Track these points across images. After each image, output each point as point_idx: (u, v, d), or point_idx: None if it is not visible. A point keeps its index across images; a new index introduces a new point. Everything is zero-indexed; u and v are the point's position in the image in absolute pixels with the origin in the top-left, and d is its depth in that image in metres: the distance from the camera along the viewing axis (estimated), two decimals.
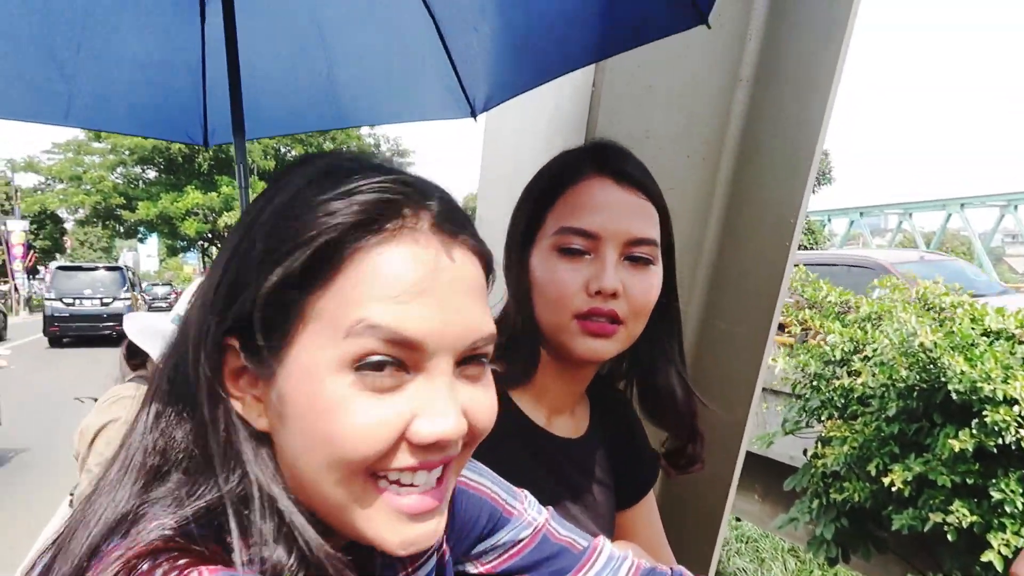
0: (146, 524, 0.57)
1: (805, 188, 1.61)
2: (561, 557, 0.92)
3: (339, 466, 0.59)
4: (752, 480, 10.16)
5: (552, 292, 1.09)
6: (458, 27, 1.76)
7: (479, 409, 0.65)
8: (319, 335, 0.59)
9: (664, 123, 1.68)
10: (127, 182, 37.43)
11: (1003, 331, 5.76)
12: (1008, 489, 5.28)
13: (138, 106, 2.18)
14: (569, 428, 1.22)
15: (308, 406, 0.59)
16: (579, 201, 1.11)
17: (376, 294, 0.58)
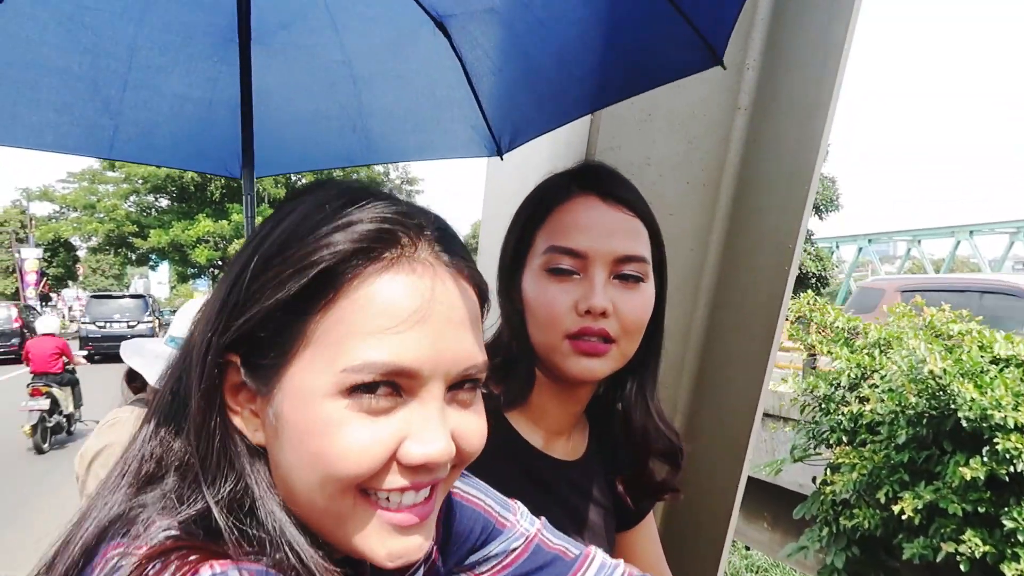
0: (144, 526, 0.58)
1: (803, 214, 1.63)
2: (553, 565, 0.93)
3: (331, 483, 0.61)
4: (761, 508, 10.05)
5: (542, 313, 1.08)
6: (484, 68, 1.81)
7: (468, 434, 0.67)
8: (316, 359, 0.61)
9: (664, 150, 1.71)
10: (140, 210, 37.79)
11: (1013, 358, 5.73)
12: (1021, 518, 5.21)
13: (179, 140, 2.26)
14: (567, 450, 1.21)
15: (303, 425, 0.61)
16: (566, 221, 1.11)
17: (373, 324, 0.61)
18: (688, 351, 1.82)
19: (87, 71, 1.93)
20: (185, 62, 2.05)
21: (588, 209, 1.12)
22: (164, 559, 0.54)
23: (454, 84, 1.92)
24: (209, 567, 0.54)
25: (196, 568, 0.53)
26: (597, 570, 0.96)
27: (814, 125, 1.62)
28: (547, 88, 1.68)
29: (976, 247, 29.72)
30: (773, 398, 9.16)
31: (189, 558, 0.54)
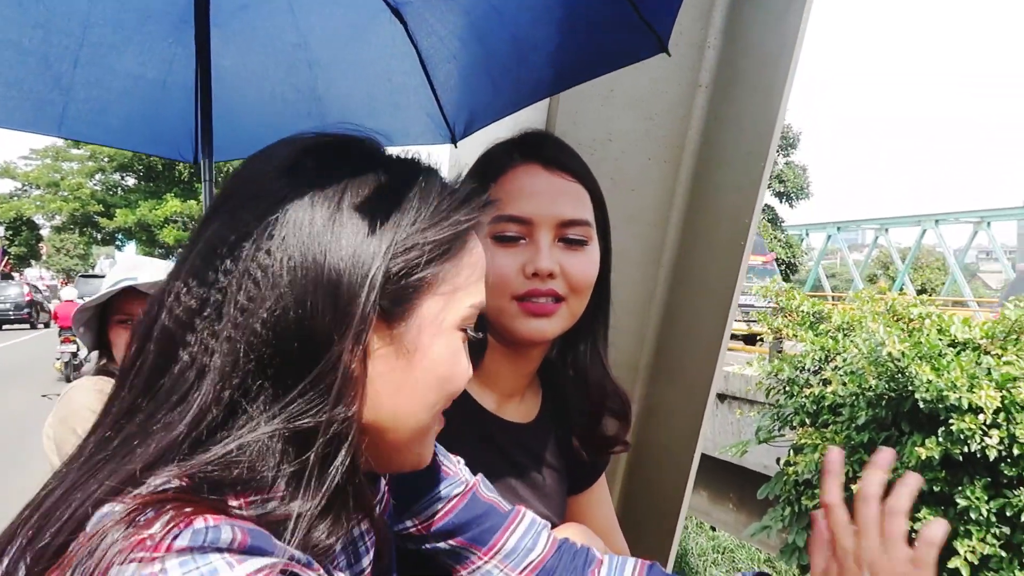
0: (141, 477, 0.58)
1: (759, 190, 1.67)
2: (489, 516, 0.97)
3: (445, 399, 0.74)
4: (727, 489, 10.24)
5: (490, 278, 1.11)
6: (440, 57, 1.81)
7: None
8: (445, 299, 0.72)
9: (626, 126, 1.73)
10: (105, 189, 37.05)
11: (969, 341, 5.88)
12: (973, 496, 5.37)
13: (131, 121, 2.21)
14: (519, 413, 1.23)
15: (437, 353, 0.71)
16: (510, 189, 1.13)
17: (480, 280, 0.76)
18: (648, 325, 1.86)
19: (38, 46, 1.88)
20: (140, 41, 2.00)
21: (531, 176, 1.14)
22: (158, 508, 0.54)
23: (410, 71, 1.92)
24: (203, 520, 0.53)
25: (190, 520, 0.53)
26: (528, 525, 1.00)
27: (771, 104, 1.65)
28: (502, 75, 1.70)
29: (941, 236, 30.29)
30: (740, 381, 9.31)
31: (184, 509, 0.54)
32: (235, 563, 0.52)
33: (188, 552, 0.51)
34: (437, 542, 0.95)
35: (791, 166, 36.66)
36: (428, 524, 0.95)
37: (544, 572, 0.97)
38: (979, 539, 5.37)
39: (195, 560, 0.51)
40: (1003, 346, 5.78)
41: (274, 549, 0.57)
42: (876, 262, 40.84)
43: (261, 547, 0.55)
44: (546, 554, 0.99)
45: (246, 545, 0.54)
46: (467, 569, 0.96)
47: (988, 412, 5.22)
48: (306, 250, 0.63)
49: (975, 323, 6.07)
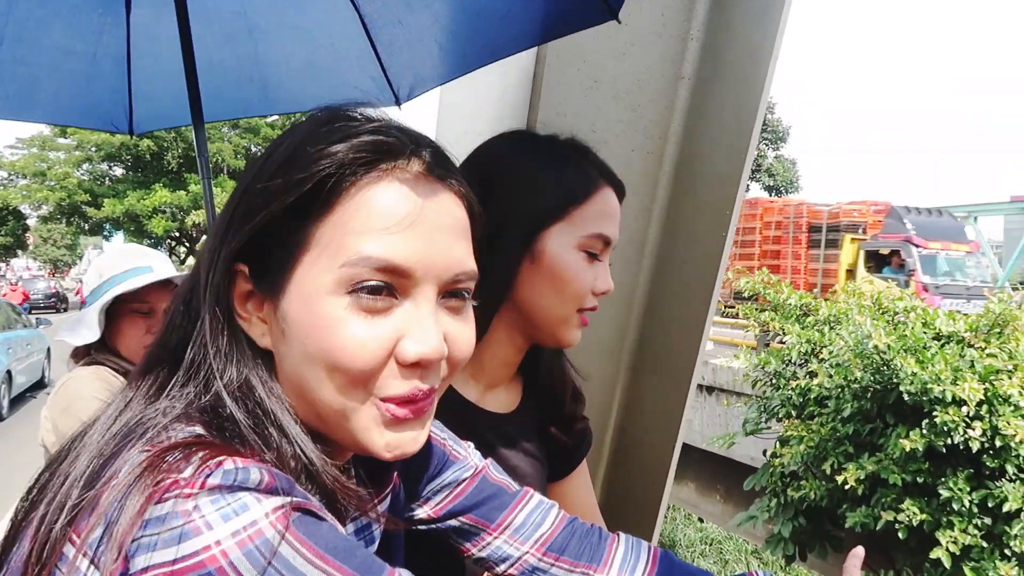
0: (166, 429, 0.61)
1: (741, 182, 1.68)
2: (498, 496, 0.99)
3: (338, 375, 0.66)
4: (715, 481, 10.31)
5: (574, 287, 1.15)
6: (383, 20, 1.82)
7: (458, 338, 0.72)
8: (319, 260, 0.66)
9: (610, 117, 1.74)
10: (93, 179, 36.74)
11: (953, 334, 5.93)
12: (956, 488, 5.43)
13: (62, 96, 2.18)
14: (500, 403, 1.25)
15: (308, 322, 0.66)
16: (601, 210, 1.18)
17: (370, 226, 0.66)
18: (631, 314, 1.87)
19: None
20: (67, 14, 1.94)
21: (611, 199, 1.20)
22: (187, 450, 0.57)
23: (353, 36, 1.92)
24: (232, 461, 0.56)
25: (220, 461, 0.56)
26: (537, 503, 1.01)
27: (753, 96, 1.66)
28: (449, 39, 1.71)
29: None
30: (727, 374, 9.36)
31: (213, 451, 0.57)
32: (263, 498, 0.55)
33: (219, 490, 0.54)
34: (447, 521, 0.97)
35: (780, 160, 36.77)
36: (439, 508, 0.96)
37: (555, 546, 0.99)
38: (961, 530, 5.43)
39: (226, 497, 0.53)
40: (987, 339, 5.84)
41: (297, 491, 0.59)
42: None
43: (286, 488, 0.58)
44: (555, 528, 1.00)
45: (272, 485, 0.56)
46: (477, 546, 0.97)
47: (971, 404, 5.28)
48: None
49: (960, 316, 6.12)
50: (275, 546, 0.53)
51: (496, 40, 1.57)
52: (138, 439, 0.61)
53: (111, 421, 0.66)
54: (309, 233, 0.66)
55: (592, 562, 0.99)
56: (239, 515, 0.53)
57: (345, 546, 0.57)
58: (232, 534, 0.52)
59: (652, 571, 0.99)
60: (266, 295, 0.69)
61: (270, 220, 0.67)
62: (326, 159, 0.67)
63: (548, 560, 0.97)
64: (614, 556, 1.00)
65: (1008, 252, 35.93)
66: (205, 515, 0.52)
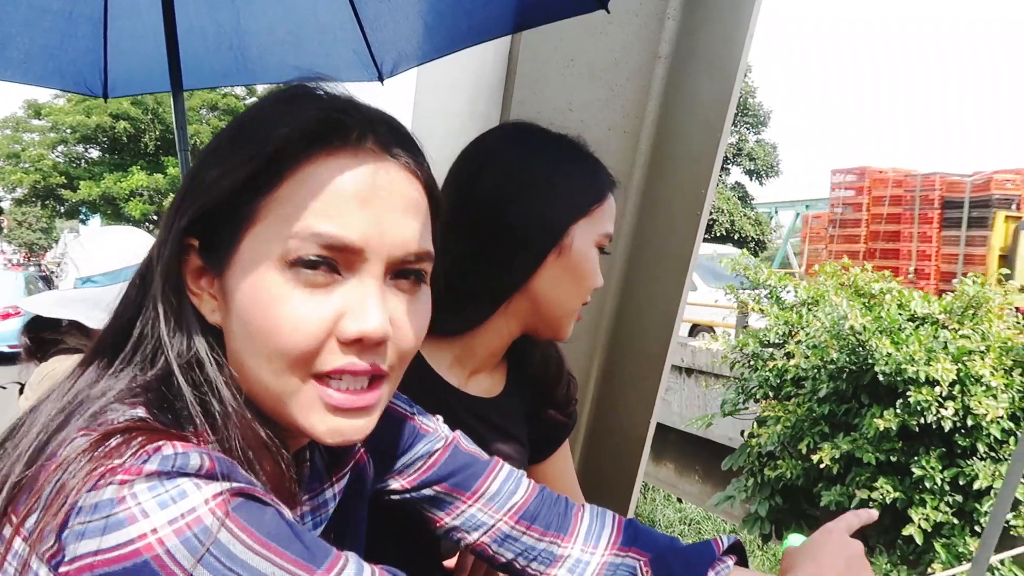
0: (110, 410, 0.60)
1: (715, 160, 1.70)
2: (471, 465, 0.99)
3: (276, 357, 0.64)
4: (693, 462, 10.42)
5: (589, 281, 1.16)
6: None
7: (407, 322, 0.69)
8: (264, 234, 0.64)
9: (586, 96, 1.74)
10: (68, 161, 36.18)
11: (928, 316, 6.02)
12: (928, 466, 5.54)
13: (35, 55, 2.10)
14: (484, 388, 1.24)
15: (249, 299, 0.64)
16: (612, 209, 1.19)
17: (318, 202, 0.64)
18: (607, 293, 1.88)
19: None
20: None
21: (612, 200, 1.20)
22: (126, 435, 0.55)
23: (337, 7, 1.89)
24: (171, 446, 0.55)
25: (158, 446, 0.54)
26: (508, 472, 1.02)
27: (728, 75, 1.67)
28: (436, 17, 1.68)
29: None
30: (706, 356, 9.45)
31: (152, 436, 0.56)
32: (202, 484, 0.53)
33: (156, 477, 0.53)
34: (420, 491, 0.96)
35: (761, 144, 36.89)
36: (412, 479, 0.96)
37: (527, 514, 0.99)
38: (933, 507, 5.55)
39: (164, 484, 0.52)
40: (960, 320, 5.94)
41: (240, 476, 0.58)
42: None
43: (227, 473, 0.56)
44: (528, 496, 1.00)
45: (213, 470, 0.55)
46: (451, 515, 0.98)
47: (944, 384, 5.37)
48: None
49: (934, 299, 6.21)
50: (214, 533, 0.52)
51: (483, 21, 1.55)
52: (80, 418, 0.60)
53: (60, 396, 0.65)
54: (257, 208, 0.65)
55: (560, 531, 0.99)
56: (176, 502, 0.52)
57: (288, 532, 0.56)
58: (169, 521, 0.51)
59: (617, 539, 1.00)
60: (215, 270, 0.68)
61: (220, 194, 0.66)
62: (276, 134, 0.66)
63: (520, 528, 0.98)
64: (580, 525, 1.01)
65: None
66: (141, 502, 0.51)
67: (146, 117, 33.97)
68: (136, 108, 33.03)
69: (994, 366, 5.47)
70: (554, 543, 0.98)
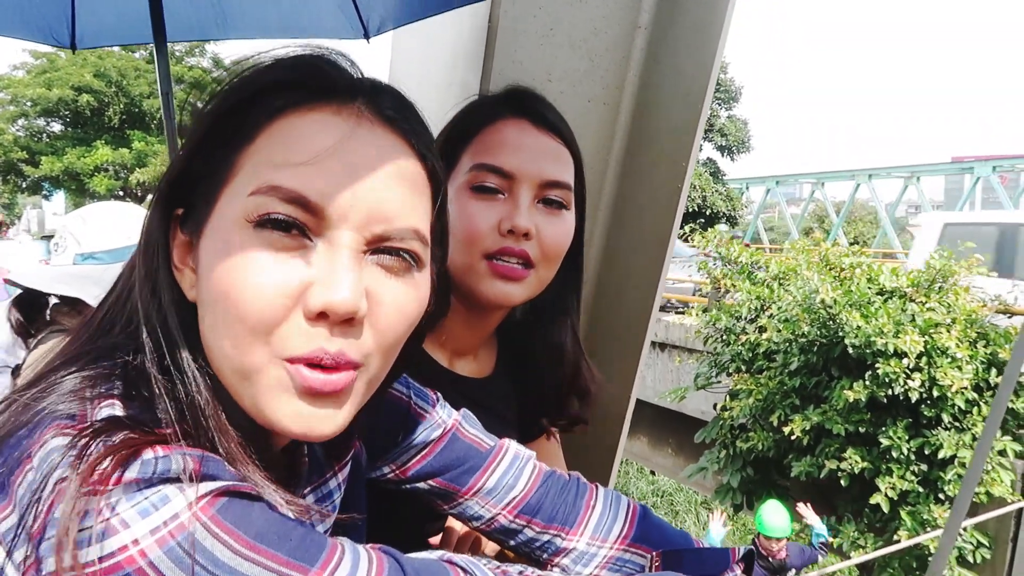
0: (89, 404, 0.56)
1: (696, 132, 1.69)
2: (468, 457, 0.93)
3: (237, 326, 0.57)
4: (666, 435, 10.56)
5: (462, 230, 1.04)
6: None
7: (386, 301, 0.61)
8: (233, 192, 0.59)
9: (566, 66, 1.71)
10: (30, 135, 35.26)
11: (896, 290, 6.13)
12: (896, 436, 5.66)
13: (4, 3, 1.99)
14: (472, 368, 1.20)
15: (214, 263, 0.58)
16: (494, 140, 1.07)
17: (287, 155, 0.59)
18: (588, 267, 1.86)
19: None
20: None
21: (518, 131, 1.08)
22: (104, 440, 0.52)
23: None
24: (152, 450, 0.52)
25: (138, 452, 0.51)
26: (510, 462, 0.97)
27: (708, 47, 1.65)
28: None
29: (874, 190, 31.19)
30: (679, 330, 9.53)
31: (130, 440, 0.52)
32: (186, 487, 0.51)
33: (136, 484, 0.50)
34: (415, 483, 0.93)
35: (733, 120, 37.06)
36: (405, 469, 0.92)
37: (527, 508, 0.95)
38: (899, 476, 5.68)
39: (144, 492, 0.50)
40: (927, 294, 6.05)
41: (226, 474, 0.55)
42: (812, 216, 41.97)
43: (212, 472, 0.53)
44: (529, 489, 0.96)
45: (199, 472, 0.52)
46: (449, 505, 0.95)
47: (912, 356, 5.48)
48: None
49: (902, 273, 6.32)
50: (198, 540, 0.49)
51: None
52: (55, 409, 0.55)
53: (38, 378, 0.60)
54: (232, 164, 0.60)
55: (565, 524, 0.95)
56: (158, 508, 0.49)
57: (278, 529, 0.53)
58: (151, 531, 0.48)
59: (629, 532, 0.95)
60: (193, 238, 0.62)
61: (196, 149, 0.62)
62: (250, 85, 0.62)
63: (519, 522, 0.94)
64: (590, 516, 0.96)
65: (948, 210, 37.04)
66: (121, 513, 0.48)
67: (110, 90, 33.13)
68: (99, 80, 32.19)
69: (959, 338, 5.58)
70: (557, 536, 0.95)
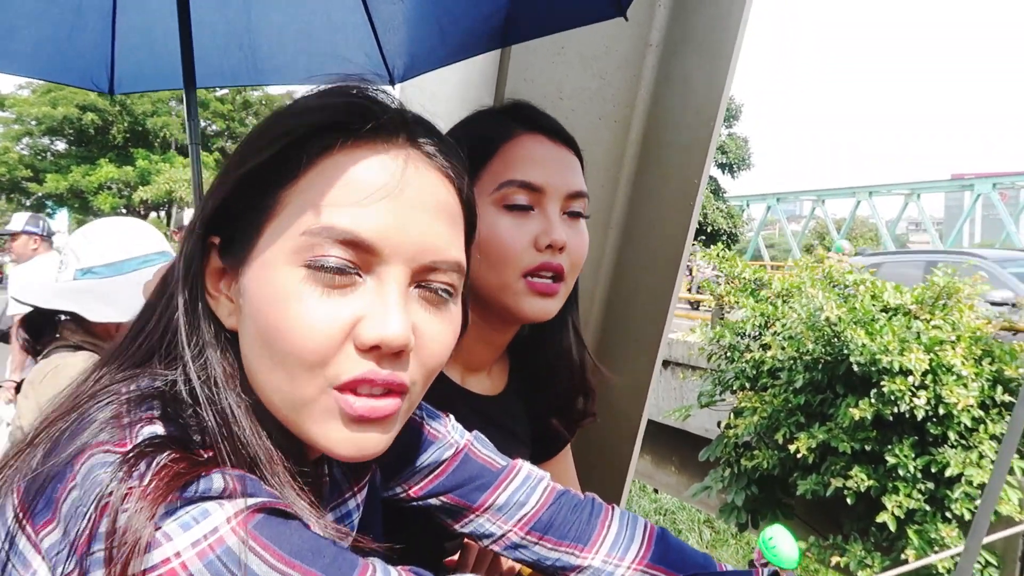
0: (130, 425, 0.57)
1: (708, 149, 1.69)
2: (480, 476, 0.94)
3: (290, 361, 0.60)
4: (670, 453, 10.50)
5: (497, 249, 1.03)
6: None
7: (432, 335, 0.64)
8: (280, 228, 0.61)
9: (577, 84, 1.72)
10: (34, 153, 35.44)
11: (900, 307, 6.11)
12: (902, 454, 5.62)
13: (42, 48, 2.00)
14: (486, 386, 1.20)
15: (263, 298, 0.60)
16: (518, 155, 1.07)
17: (337, 194, 0.60)
18: (598, 284, 1.87)
19: None
20: None
21: (539, 145, 1.08)
22: (148, 459, 0.53)
23: (350, 8, 1.85)
24: (194, 469, 0.54)
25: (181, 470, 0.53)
26: (522, 481, 0.97)
27: (720, 64, 1.66)
28: (450, 22, 1.65)
29: (874, 207, 31.26)
30: (683, 347, 9.51)
31: (174, 459, 0.54)
32: (225, 503, 0.52)
33: (178, 501, 0.51)
34: (427, 500, 0.93)
35: (733, 137, 37.19)
36: (419, 488, 0.93)
37: (539, 524, 0.95)
38: (906, 494, 5.63)
39: (185, 507, 0.51)
40: (931, 311, 6.03)
41: (264, 492, 0.56)
42: (813, 232, 42.04)
43: (249, 489, 0.55)
44: (540, 506, 0.96)
45: (238, 492, 0.54)
46: (460, 523, 0.95)
47: (917, 374, 5.45)
48: None
49: (906, 289, 6.30)
50: (237, 554, 0.51)
51: (499, 28, 1.50)
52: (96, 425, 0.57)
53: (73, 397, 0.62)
54: (277, 199, 0.61)
55: (578, 541, 0.95)
56: (199, 522, 0.51)
57: (312, 546, 0.54)
58: (192, 544, 0.50)
59: (647, 553, 0.95)
60: (233, 269, 0.64)
61: (239, 182, 0.63)
62: (297, 122, 0.63)
63: (531, 538, 0.95)
64: (605, 535, 0.96)
65: (948, 229, 37.13)
66: (164, 526, 0.50)
67: (114, 108, 33.36)
68: (104, 99, 32.45)
69: (964, 356, 5.56)
70: (571, 553, 0.95)
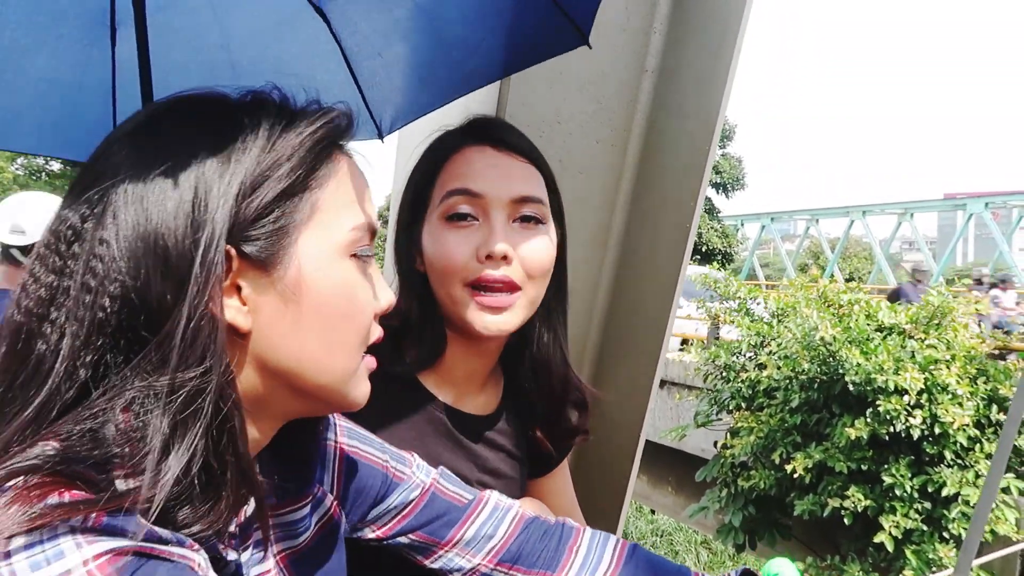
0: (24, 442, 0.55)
1: (704, 173, 1.71)
2: (448, 512, 0.96)
3: (358, 335, 0.70)
4: (666, 473, 10.46)
5: (440, 260, 1.04)
6: (363, 53, 1.79)
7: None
8: (315, 234, 0.67)
9: (574, 109, 1.74)
10: (28, 174, 35.49)
11: (895, 326, 6.13)
12: (898, 474, 5.62)
13: (46, 125, 2.09)
14: (478, 405, 1.20)
15: (321, 288, 0.66)
16: (461, 168, 1.08)
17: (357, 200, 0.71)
18: (595, 307, 1.88)
19: None
20: (53, 43, 1.91)
21: (482, 155, 1.09)
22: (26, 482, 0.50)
23: (334, 68, 1.89)
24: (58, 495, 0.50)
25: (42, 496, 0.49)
26: (489, 513, 0.99)
27: (715, 89, 1.69)
28: (427, 71, 1.68)
29: (868, 226, 31.42)
30: (679, 368, 9.51)
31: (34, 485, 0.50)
32: (84, 543, 0.48)
33: (37, 532, 0.48)
34: (396, 539, 0.94)
35: (727, 157, 37.40)
36: (387, 529, 0.94)
37: (508, 555, 0.97)
38: (903, 514, 5.63)
39: (43, 544, 0.48)
40: (926, 330, 6.05)
41: (134, 528, 0.52)
42: (807, 252, 42.19)
43: (118, 526, 0.51)
44: (508, 537, 0.98)
45: (100, 524, 0.50)
46: (429, 559, 0.96)
47: (912, 393, 5.47)
48: (137, 220, 0.61)
49: (900, 309, 6.33)
50: None
51: (474, 70, 1.57)
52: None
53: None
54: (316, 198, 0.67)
55: (548, 568, 0.97)
56: (51, 563, 0.47)
57: None
58: None
59: (616, 568, 0.97)
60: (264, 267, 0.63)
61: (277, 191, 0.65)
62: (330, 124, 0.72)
63: (501, 569, 0.97)
64: (574, 559, 0.98)
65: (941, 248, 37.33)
66: (13, 564, 0.46)
67: None
68: None
69: (959, 375, 5.58)
70: None
